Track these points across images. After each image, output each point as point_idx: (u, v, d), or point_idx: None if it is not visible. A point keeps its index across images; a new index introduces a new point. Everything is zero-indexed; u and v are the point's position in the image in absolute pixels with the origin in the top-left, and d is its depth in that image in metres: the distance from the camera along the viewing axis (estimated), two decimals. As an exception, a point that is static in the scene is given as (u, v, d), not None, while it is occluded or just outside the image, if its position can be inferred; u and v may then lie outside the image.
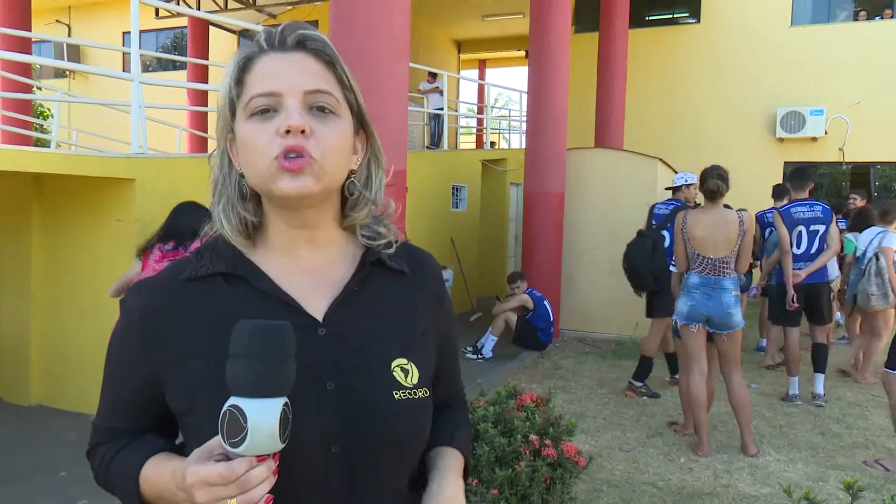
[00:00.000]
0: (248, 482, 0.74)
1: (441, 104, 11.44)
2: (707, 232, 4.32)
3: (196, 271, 0.95)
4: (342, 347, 0.93)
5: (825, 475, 4.13)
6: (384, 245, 1.02)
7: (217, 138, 0.97)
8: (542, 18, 7.81)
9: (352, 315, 0.96)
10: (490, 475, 2.66)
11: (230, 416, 0.73)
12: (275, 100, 0.89)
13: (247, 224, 0.96)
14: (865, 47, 11.97)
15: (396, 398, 0.93)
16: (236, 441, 0.73)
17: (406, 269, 1.04)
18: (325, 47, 0.93)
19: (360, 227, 1.01)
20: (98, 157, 4.96)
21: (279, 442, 0.75)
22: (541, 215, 7.86)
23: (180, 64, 16.22)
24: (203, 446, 0.80)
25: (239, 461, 0.74)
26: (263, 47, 0.92)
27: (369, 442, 0.90)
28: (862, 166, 12.31)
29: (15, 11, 10.17)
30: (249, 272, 0.95)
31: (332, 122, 0.91)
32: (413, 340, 1.00)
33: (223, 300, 0.93)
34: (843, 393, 5.91)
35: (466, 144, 18.74)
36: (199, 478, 0.76)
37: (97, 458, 1.00)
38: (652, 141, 12.41)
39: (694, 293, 4.38)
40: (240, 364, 0.75)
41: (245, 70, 0.92)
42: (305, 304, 0.94)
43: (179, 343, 0.92)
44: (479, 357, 7.06)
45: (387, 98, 4.45)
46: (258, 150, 0.88)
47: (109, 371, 1.00)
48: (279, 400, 0.75)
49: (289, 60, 0.91)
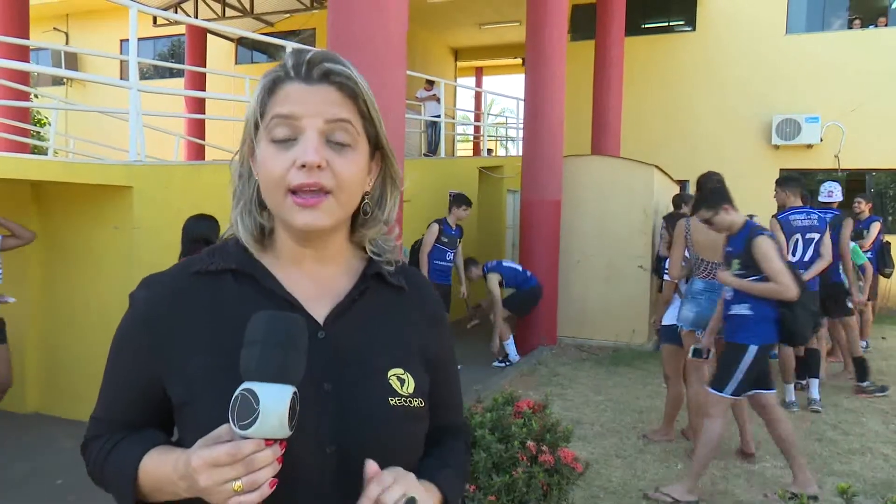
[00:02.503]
0: (254, 462, 0.76)
1: (438, 112, 11.47)
2: (709, 236, 4.31)
3: (207, 266, 0.98)
4: (341, 352, 0.96)
5: (821, 481, 4.13)
6: (386, 262, 1.06)
7: (240, 146, 1.00)
8: (538, 26, 7.85)
9: (351, 323, 0.99)
10: (487, 481, 2.67)
11: (242, 398, 0.76)
12: (294, 124, 0.91)
13: (262, 229, 0.99)
14: (860, 55, 12.03)
15: (392, 404, 0.95)
16: (246, 423, 0.75)
17: (405, 286, 1.07)
18: (348, 80, 0.94)
19: (370, 241, 1.05)
20: (96, 164, 4.97)
21: (287, 428, 0.77)
22: (537, 222, 7.88)
23: (178, 71, 16.26)
24: (209, 434, 0.81)
25: (247, 441, 0.76)
26: (290, 74, 0.94)
27: (363, 445, 0.91)
28: (857, 173, 12.35)
29: (13, 19, 10.18)
30: (258, 271, 0.98)
31: (348, 154, 0.94)
32: (408, 354, 1.02)
33: (230, 296, 0.96)
34: (839, 399, 5.92)
35: (464, 152, 18.77)
36: (204, 460, 0.77)
37: (93, 451, 1.00)
38: (648, 148, 12.45)
39: (699, 299, 4.36)
40: (255, 350, 0.78)
41: (272, 92, 0.94)
42: (308, 308, 0.97)
43: (184, 337, 0.94)
44: (506, 363, 7.13)
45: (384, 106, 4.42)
46: (274, 177, 0.91)
47: (112, 363, 1.01)
48: (290, 387, 0.78)
49: (312, 92, 0.92)
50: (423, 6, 13.37)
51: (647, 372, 6.82)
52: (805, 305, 3.76)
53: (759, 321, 3.77)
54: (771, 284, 3.69)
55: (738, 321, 3.84)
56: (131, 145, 5.16)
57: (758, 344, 3.74)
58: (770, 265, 3.68)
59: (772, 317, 3.77)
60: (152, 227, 4.94)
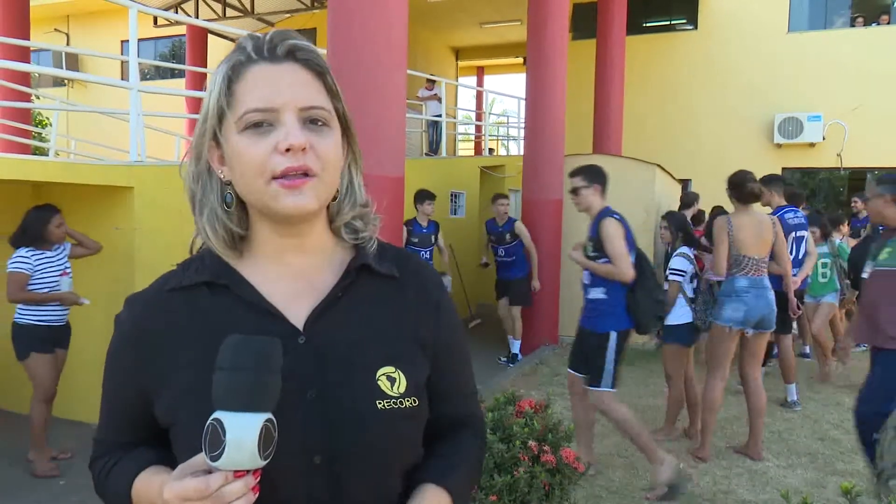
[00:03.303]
0: (222, 497, 0.73)
1: (439, 111, 11.47)
2: (751, 233, 4.34)
3: (180, 281, 0.95)
4: (323, 356, 0.91)
5: (824, 481, 4.12)
6: (365, 240, 1.00)
7: (194, 145, 0.94)
8: (539, 26, 7.84)
9: (334, 323, 0.93)
10: (489, 481, 2.66)
11: (212, 429, 0.73)
12: (271, 115, 0.87)
13: (233, 235, 0.95)
14: (863, 53, 12.01)
15: (380, 407, 0.89)
16: (215, 455, 0.72)
17: (396, 274, 1.00)
18: (315, 57, 0.92)
19: (344, 226, 1.00)
20: (97, 165, 4.96)
21: (259, 458, 0.74)
22: (539, 221, 7.87)
23: (178, 72, 16.26)
24: (187, 462, 0.79)
25: (215, 475, 0.73)
26: (252, 56, 0.90)
27: (352, 452, 0.88)
28: (860, 172, 12.34)
29: (14, 20, 10.19)
30: (233, 281, 0.94)
31: (326, 135, 0.90)
32: (401, 347, 0.96)
33: (206, 310, 0.93)
34: (842, 398, 5.91)
35: (465, 151, 18.76)
36: (175, 493, 0.75)
37: (96, 471, 1.01)
38: (650, 147, 12.44)
39: (745, 297, 4.33)
40: (222, 377, 0.75)
41: (233, 80, 0.90)
42: (289, 311, 0.93)
43: (166, 356, 0.91)
44: (510, 363, 7.13)
45: (385, 105, 4.47)
46: (254, 167, 0.87)
47: (105, 385, 1.00)
48: (261, 415, 0.74)
49: (281, 72, 0.89)
50: (424, 6, 13.37)
51: (648, 371, 6.81)
52: (650, 293, 3.91)
53: (614, 305, 3.91)
54: (610, 265, 3.85)
55: (594, 306, 4.01)
56: (132, 146, 5.15)
57: (616, 329, 3.87)
58: (610, 246, 3.84)
59: (625, 303, 3.92)
60: (153, 227, 4.94)
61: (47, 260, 4.25)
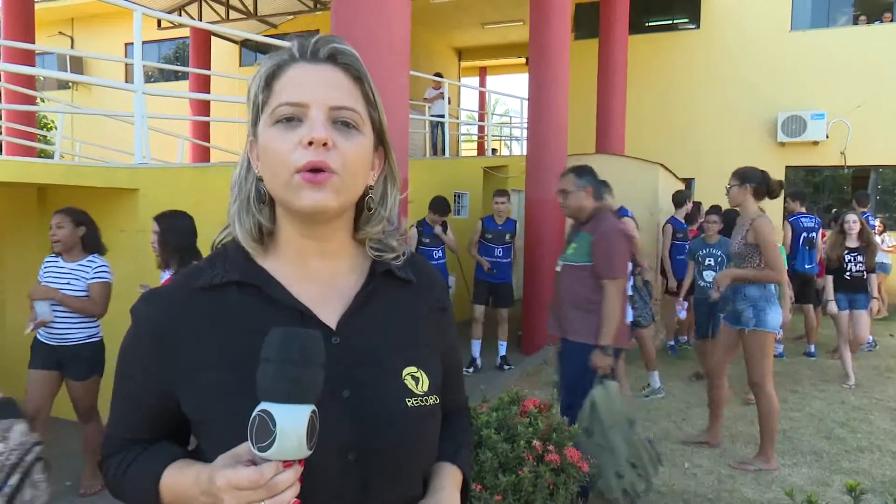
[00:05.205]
0: (275, 487, 0.75)
1: (445, 110, 11.48)
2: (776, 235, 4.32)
3: (211, 279, 0.95)
4: (355, 357, 0.94)
5: (829, 479, 4.12)
6: (393, 258, 1.03)
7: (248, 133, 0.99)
8: (541, 26, 7.84)
9: (363, 325, 0.97)
10: (493, 481, 2.67)
11: (259, 420, 0.75)
12: (300, 110, 0.89)
13: (260, 228, 0.97)
14: (866, 51, 11.98)
15: (409, 406, 0.94)
16: (264, 445, 0.74)
17: (413, 279, 1.05)
18: (355, 62, 0.95)
19: (370, 240, 1.02)
20: (101, 167, 4.99)
21: (306, 448, 0.76)
22: (543, 221, 7.87)
23: (182, 74, 16.30)
24: (230, 451, 0.81)
25: (267, 465, 0.75)
26: (295, 56, 0.93)
27: (384, 450, 0.91)
28: (863, 170, 12.31)
29: (19, 24, 10.25)
30: (262, 280, 0.95)
31: (354, 138, 0.92)
32: (419, 349, 1.01)
33: (237, 310, 0.93)
34: (847, 397, 5.90)
35: (468, 152, 18.76)
36: (229, 482, 0.77)
37: (111, 468, 1.00)
38: (653, 146, 12.42)
39: (776, 301, 4.32)
40: (270, 369, 0.76)
41: (274, 77, 0.92)
42: (318, 313, 0.95)
43: (192, 353, 0.92)
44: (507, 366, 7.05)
45: (388, 107, 4.41)
46: (279, 158, 0.89)
47: (120, 383, 1.00)
48: (307, 407, 0.76)
49: (318, 72, 0.92)
50: (427, 7, 13.38)
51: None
52: None
53: None
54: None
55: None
56: (137, 148, 5.17)
57: None
58: None
59: None
60: (158, 229, 4.95)
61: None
